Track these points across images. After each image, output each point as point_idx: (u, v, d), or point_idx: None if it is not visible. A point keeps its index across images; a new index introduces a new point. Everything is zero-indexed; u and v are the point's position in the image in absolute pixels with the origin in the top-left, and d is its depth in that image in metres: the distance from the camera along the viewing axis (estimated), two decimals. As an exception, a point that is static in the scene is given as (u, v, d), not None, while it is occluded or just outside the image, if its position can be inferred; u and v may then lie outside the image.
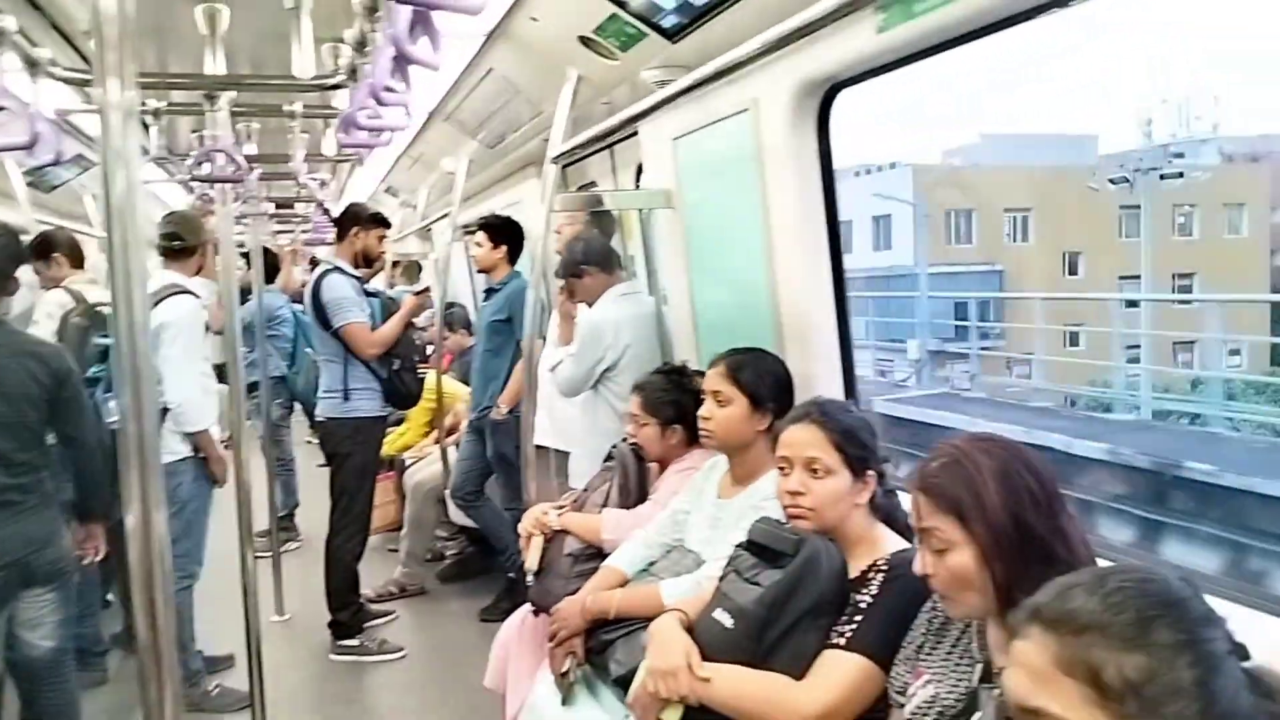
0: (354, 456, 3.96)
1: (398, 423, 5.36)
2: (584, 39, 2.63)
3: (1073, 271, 24.86)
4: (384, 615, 4.30)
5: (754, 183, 2.45)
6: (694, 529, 2.30)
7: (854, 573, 1.72)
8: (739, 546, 1.86)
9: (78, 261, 4.06)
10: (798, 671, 1.63)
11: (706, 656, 1.72)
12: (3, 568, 2.43)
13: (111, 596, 3.90)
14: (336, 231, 4.11)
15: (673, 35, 2.38)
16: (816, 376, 2.41)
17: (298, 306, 5.55)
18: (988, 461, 1.31)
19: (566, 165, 4.05)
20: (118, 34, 1.07)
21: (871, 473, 1.79)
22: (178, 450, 3.27)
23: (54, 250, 3.98)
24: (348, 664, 3.90)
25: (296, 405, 5.85)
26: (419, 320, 4.94)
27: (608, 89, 2.92)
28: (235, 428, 2.99)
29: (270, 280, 5.56)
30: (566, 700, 2.19)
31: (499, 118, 3.83)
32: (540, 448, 3.46)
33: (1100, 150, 26.29)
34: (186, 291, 3.38)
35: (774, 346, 2.43)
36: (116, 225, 1.11)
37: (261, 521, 4.32)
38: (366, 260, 4.09)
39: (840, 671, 1.58)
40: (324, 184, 4.27)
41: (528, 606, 2.61)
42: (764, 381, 2.24)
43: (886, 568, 1.68)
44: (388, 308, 4.13)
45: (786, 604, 1.69)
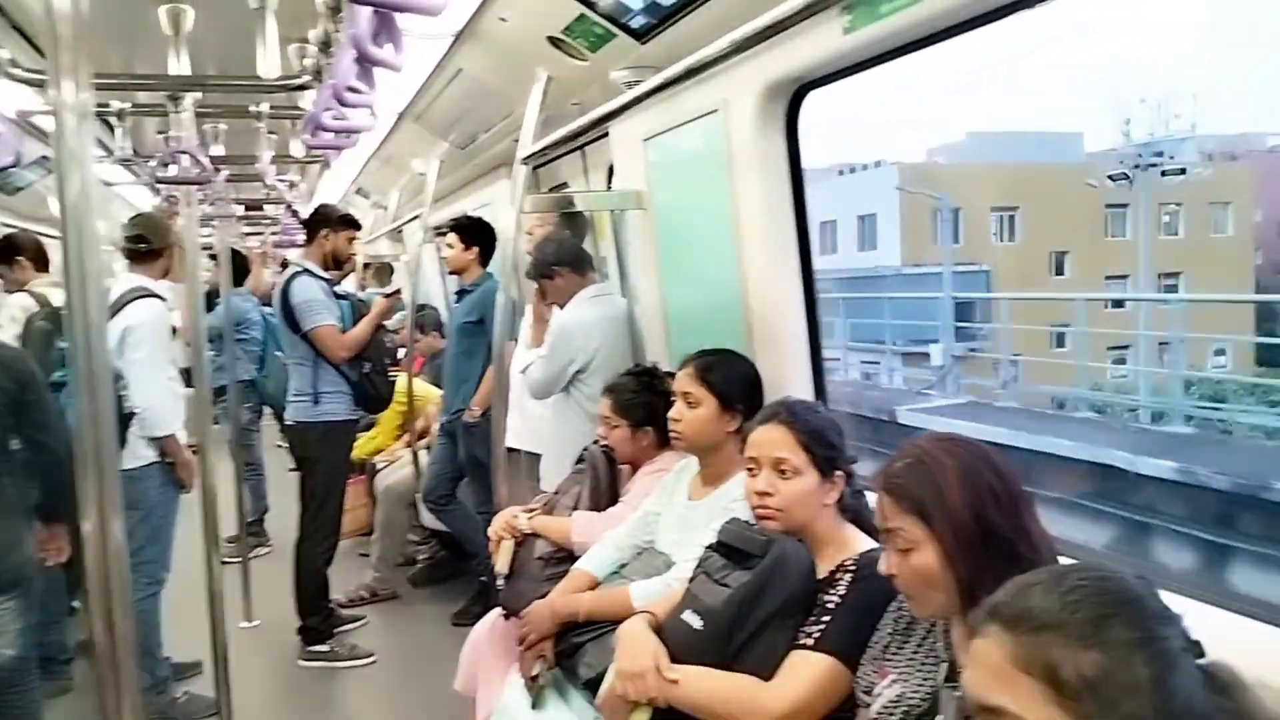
0: (324, 461, 3.93)
1: (368, 426, 5.32)
2: (553, 39, 2.62)
3: (1059, 271, 24.55)
4: (354, 620, 4.27)
5: (724, 184, 2.45)
6: (664, 530, 2.30)
7: (822, 573, 1.73)
8: (708, 548, 1.87)
9: (42, 265, 4.01)
10: (766, 672, 1.63)
11: (675, 658, 1.72)
12: None
13: (78, 603, 3.84)
14: (306, 233, 4.08)
15: (641, 36, 2.38)
16: (786, 377, 2.41)
17: (267, 309, 5.50)
18: (950, 461, 1.32)
19: (538, 166, 4.04)
20: (71, 34, 1.06)
21: (839, 473, 1.80)
22: (144, 455, 3.21)
23: (18, 253, 3.94)
24: (317, 670, 3.86)
25: (266, 409, 5.80)
26: (390, 323, 4.91)
27: (578, 90, 2.91)
28: (201, 433, 2.97)
29: (239, 283, 5.52)
30: (536, 703, 2.18)
31: (470, 119, 3.82)
32: (512, 450, 3.44)
33: (1086, 149, 26.18)
34: (153, 295, 3.32)
35: (744, 347, 2.43)
36: (72, 227, 1.11)
37: (230, 527, 4.29)
38: (336, 262, 4.06)
39: (808, 672, 1.59)
40: (293, 186, 4.23)
41: (498, 610, 2.59)
42: (733, 383, 2.24)
43: (854, 568, 1.69)
44: (358, 310, 4.10)
45: (755, 605, 1.69)
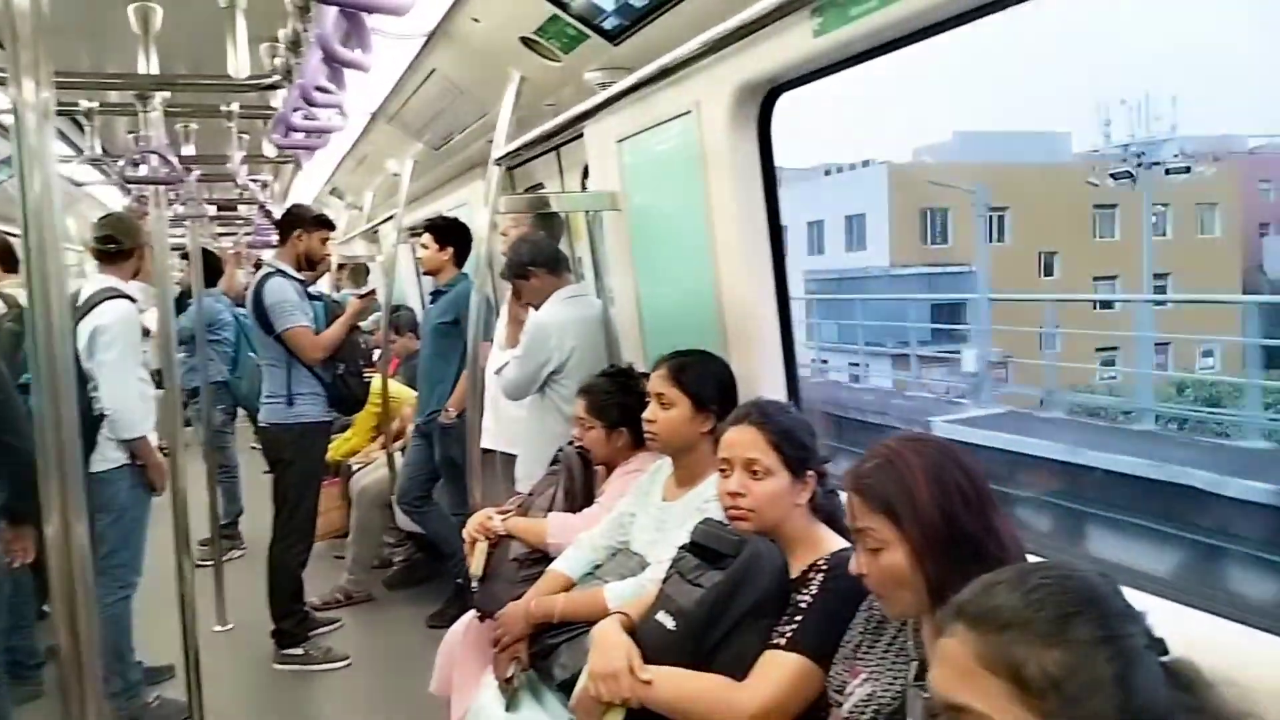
0: (298, 463, 3.90)
1: (343, 428, 5.28)
2: (526, 40, 2.61)
3: (1048, 272, 24.56)
4: (329, 623, 4.23)
5: (697, 185, 2.46)
6: (639, 531, 2.30)
7: (795, 573, 1.73)
8: (682, 548, 1.87)
9: (10, 265, 3.96)
10: (739, 672, 1.64)
11: (649, 659, 1.72)
12: None
13: (48, 607, 3.80)
14: (279, 234, 4.05)
15: (614, 37, 2.38)
16: (759, 378, 2.42)
17: (240, 310, 5.46)
18: (919, 461, 1.32)
19: (512, 167, 4.03)
20: (31, 31, 1.05)
21: (811, 473, 1.80)
22: (114, 458, 3.17)
23: (-15, 254, 3.88)
24: (291, 673, 3.83)
25: (240, 411, 5.75)
26: (365, 324, 4.88)
27: (552, 91, 2.91)
28: (171, 435, 2.94)
29: (212, 283, 5.47)
30: (511, 705, 2.18)
31: (444, 119, 3.79)
32: (487, 451, 3.42)
33: (1073, 149, 26.14)
34: (123, 295, 3.28)
35: (718, 348, 2.43)
36: (33, 227, 1.10)
37: (202, 530, 4.25)
38: (310, 263, 4.03)
39: (780, 671, 1.59)
40: (266, 186, 4.21)
41: (473, 612, 2.58)
42: (707, 383, 2.25)
43: (826, 568, 1.69)
44: (332, 310, 4.08)
45: (728, 605, 1.70)
